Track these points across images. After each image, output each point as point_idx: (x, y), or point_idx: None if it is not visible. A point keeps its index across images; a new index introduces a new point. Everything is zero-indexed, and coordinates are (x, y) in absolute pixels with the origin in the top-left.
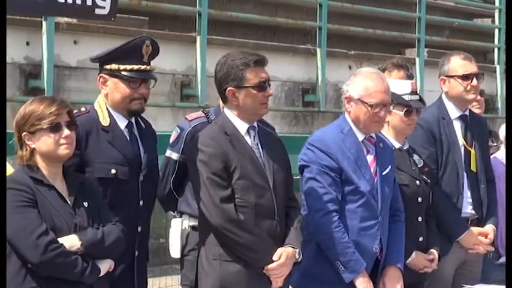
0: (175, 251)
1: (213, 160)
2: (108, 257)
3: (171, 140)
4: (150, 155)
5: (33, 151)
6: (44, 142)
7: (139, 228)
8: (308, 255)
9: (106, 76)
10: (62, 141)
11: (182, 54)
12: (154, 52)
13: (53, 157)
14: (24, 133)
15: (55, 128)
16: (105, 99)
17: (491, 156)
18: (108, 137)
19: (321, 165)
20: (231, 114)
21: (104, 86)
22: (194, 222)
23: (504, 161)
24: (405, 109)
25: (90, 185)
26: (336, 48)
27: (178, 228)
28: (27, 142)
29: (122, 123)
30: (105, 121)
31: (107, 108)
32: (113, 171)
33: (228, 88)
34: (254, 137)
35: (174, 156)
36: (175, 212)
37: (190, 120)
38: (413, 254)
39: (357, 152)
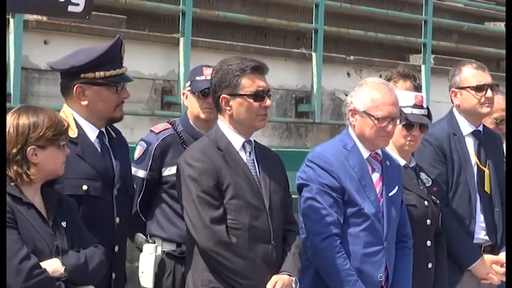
0: (146, 280)
1: (203, 177)
2: (91, 282)
3: (136, 155)
4: (124, 166)
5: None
6: (53, 159)
7: (116, 248)
8: (306, 282)
9: (84, 85)
10: (64, 159)
11: (163, 58)
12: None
13: (52, 175)
14: (32, 146)
15: (64, 145)
16: (78, 110)
17: None
18: (78, 150)
19: (321, 184)
20: (224, 127)
21: (81, 97)
22: (168, 248)
23: None
24: (403, 123)
25: (67, 202)
26: (334, 53)
27: (151, 254)
28: (30, 157)
29: (92, 134)
30: (72, 132)
31: (74, 119)
32: (84, 187)
33: (222, 95)
34: (250, 152)
35: (141, 173)
36: (147, 236)
37: (158, 133)
38: None
39: (361, 170)
